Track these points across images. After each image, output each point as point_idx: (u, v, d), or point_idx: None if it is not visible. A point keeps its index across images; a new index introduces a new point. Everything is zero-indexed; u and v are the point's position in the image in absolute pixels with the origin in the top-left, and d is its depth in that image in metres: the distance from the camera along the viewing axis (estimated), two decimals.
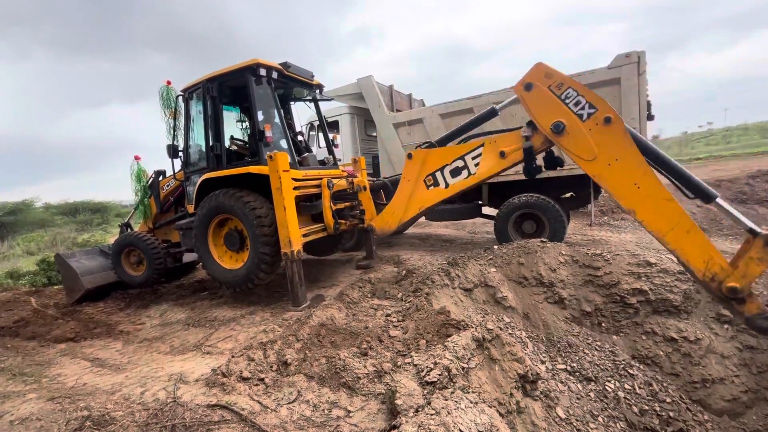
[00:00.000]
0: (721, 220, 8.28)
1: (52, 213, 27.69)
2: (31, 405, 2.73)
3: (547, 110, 2.76)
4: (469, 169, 3.62)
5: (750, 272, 2.30)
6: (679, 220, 2.42)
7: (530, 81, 2.72)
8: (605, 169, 2.62)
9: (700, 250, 2.39)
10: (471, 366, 2.59)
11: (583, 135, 2.65)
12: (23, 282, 8.17)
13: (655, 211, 2.48)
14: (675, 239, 2.44)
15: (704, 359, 3.88)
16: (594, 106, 2.61)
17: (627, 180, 2.54)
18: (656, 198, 2.47)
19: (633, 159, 2.50)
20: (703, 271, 2.39)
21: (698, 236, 2.40)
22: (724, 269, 2.34)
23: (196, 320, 4.50)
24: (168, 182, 5.86)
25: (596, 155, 2.64)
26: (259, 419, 2.33)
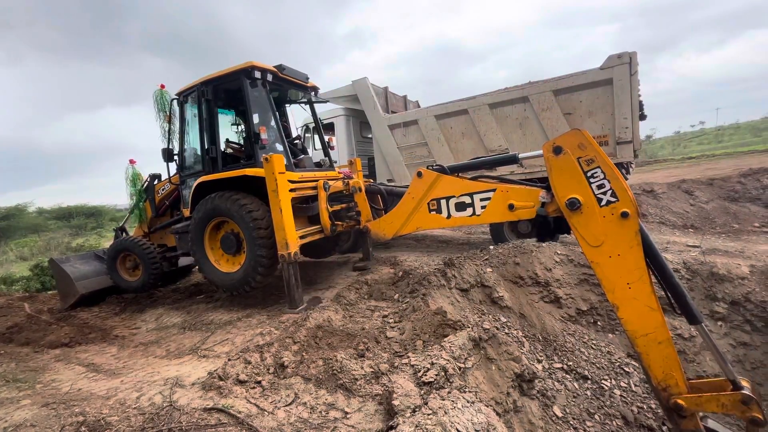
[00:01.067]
0: (714, 219, 8.36)
1: (46, 218, 27.46)
2: (26, 411, 2.70)
3: (568, 183, 2.67)
4: (474, 208, 3.52)
5: (706, 407, 2.40)
6: (655, 330, 2.47)
7: (562, 146, 2.62)
8: (605, 259, 2.59)
9: (664, 362, 2.47)
10: (468, 366, 2.60)
11: (596, 220, 2.59)
12: (17, 287, 8.10)
13: (636, 315, 2.50)
14: (645, 344, 2.50)
15: (698, 356, 3.92)
16: (617, 195, 2.52)
17: (621, 277, 2.53)
18: (642, 303, 2.49)
19: (634, 260, 2.48)
20: (659, 380, 2.49)
21: (668, 349, 2.46)
22: (678, 386, 2.45)
23: (192, 324, 4.48)
24: (163, 186, 5.84)
25: (602, 243, 2.59)
26: (256, 422, 2.33)
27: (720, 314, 4.08)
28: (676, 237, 6.59)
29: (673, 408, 2.42)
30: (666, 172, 16.01)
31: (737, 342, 3.98)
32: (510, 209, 3.27)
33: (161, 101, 5.30)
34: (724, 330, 4.05)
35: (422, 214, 3.88)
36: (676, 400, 2.40)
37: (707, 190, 9.27)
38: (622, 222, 2.50)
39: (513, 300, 3.91)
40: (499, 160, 3.54)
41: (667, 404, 2.46)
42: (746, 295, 4.04)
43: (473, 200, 3.51)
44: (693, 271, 4.32)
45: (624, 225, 2.50)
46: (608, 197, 2.53)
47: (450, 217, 3.67)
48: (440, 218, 3.74)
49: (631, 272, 2.48)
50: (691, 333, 3.98)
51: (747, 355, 3.93)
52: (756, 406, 2.25)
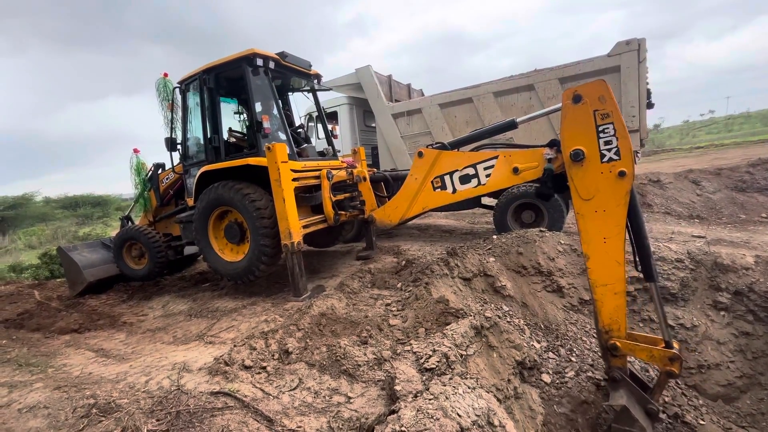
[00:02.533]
0: (721, 209, 8.28)
1: (53, 207, 27.75)
2: (38, 394, 2.78)
3: (578, 133, 2.70)
4: (479, 178, 3.58)
5: (637, 354, 2.69)
6: (615, 282, 2.65)
7: (582, 95, 2.62)
8: (590, 213, 2.69)
9: (614, 310, 2.68)
10: (469, 353, 2.63)
11: (593, 174, 2.66)
12: (26, 275, 8.24)
13: (604, 267, 2.67)
14: (603, 293, 2.69)
15: (700, 345, 3.93)
16: (620, 154, 2.58)
17: (600, 232, 2.66)
18: (611, 257, 2.65)
19: (616, 217, 2.61)
20: (605, 324, 2.72)
21: (620, 300, 2.67)
22: (620, 331, 2.69)
23: (198, 311, 4.55)
24: (167, 175, 5.87)
25: (592, 197, 2.68)
26: (261, 405, 2.38)
27: (723, 304, 4.08)
28: (682, 227, 6.55)
29: (610, 348, 2.69)
30: (673, 161, 15.81)
31: (739, 332, 3.98)
32: (515, 173, 3.33)
33: (164, 90, 5.29)
34: (727, 320, 4.05)
35: (427, 193, 3.91)
36: (615, 341, 2.66)
37: (715, 180, 9.16)
38: (617, 181, 2.57)
39: (515, 289, 3.93)
40: (497, 127, 3.54)
41: (605, 344, 2.72)
42: (750, 285, 4.03)
43: (477, 171, 3.55)
44: (697, 262, 4.30)
45: (618, 184, 2.58)
46: (611, 154, 2.59)
47: (456, 192, 3.71)
48: (446, 194, 3.77)
49: (610, 229, 2.61)
50: (693, 322, 3.99)
51: (749, 344, 3.93)
52: (678, 365, 2.55)
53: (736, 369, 3.86)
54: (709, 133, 39.87)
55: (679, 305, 4.12)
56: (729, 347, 3.94)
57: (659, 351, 2.59)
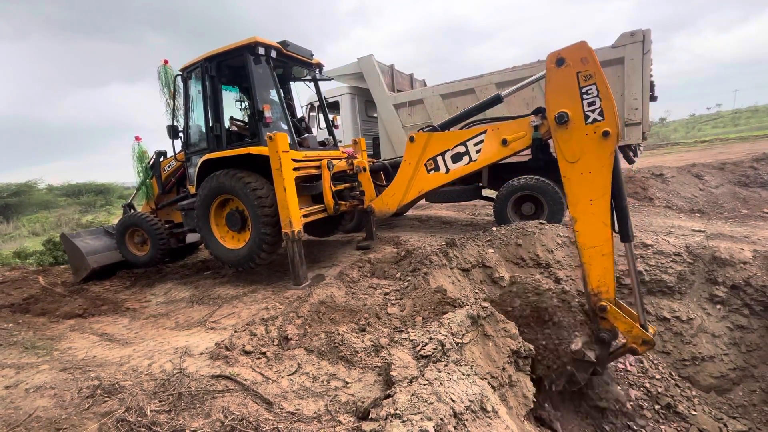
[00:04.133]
0: (723, 204, 8.26)
1: (56, 194, 27.88)
2: (45, 375, 2.86)
3: (562, 96, 2.74)
4: (470, 155, 3.63)
5: (618, 324, 2.77)
6: (602, 243, 2.70)
7: (565, 58, 2.66)
8: (577, 175, 2.73)
9: (603, 272, 2.74)
10: (465, 341, 2.68)
11: (578, 136, 2.70)
12: (30, 261, 8.34)
13: (591, 229, 2.71)
14: (591, 255, 2.74)
15: (695, 338, 3.98)
16: (603, 115, 2.62)
17: (587, 194, 2.70)
18: (598, 219, 2.69)
19: (602, 178, 2.65)
20: (593, 287, 2.77)
21: (608, 262, 2.72)
22: (609, 293, 2.75)
23: (200, 298, 4.62)
24: (169, 163, 5.89)
25: (577, 160, 2.72)
26: (261, 389, 2.45)
27: (719, 298, 4.11)
28: (682, 221, 6.55)
29: (598, 309, 2.78)
30: (677, 155, 15.70)
31: (735, 325, 4.02)
32: (504, 144, 3.39)
33: (165, 77, 5.27)
34: (723, 313, 4.09)
35: (421, 176, 3.98)
36: (605, 303, 2.74)
37: (718, 174, 9.12)
38: (601, 141, 2.62)
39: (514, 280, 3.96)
40: (484, 103, 3.60)
41: (593, 306, 2.81)
42: (747, 279, 4.05)
43: (467, 148, 3.62)
44: (695, 255, 4.32)
45: (602, 144, 2.63)
46: (595, 115, 2.64)
47: (449, 171, 3.78)
48: (440, 175, 3.85)
49: (596, 190, 2.67)
50: (689, 315, 4.03)
51: (743, 338, 3.97)
52: (645, 349, 2.76)
53: (730, 361, 3.91)
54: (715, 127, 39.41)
55: (675, 298, 4.15)
56: (723, 340, 3.98)
57: (638, 330, 2.72)
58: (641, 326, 2.73)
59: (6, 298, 5.20)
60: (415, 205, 4.83)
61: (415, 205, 10.36)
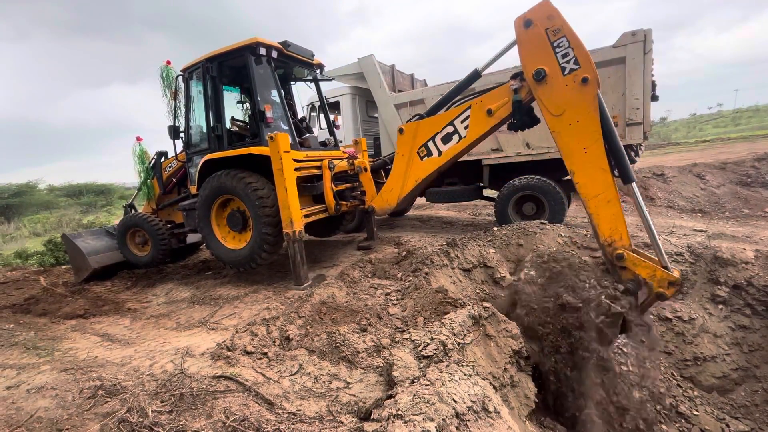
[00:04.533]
0: (724, 204, 8.24)
1: (57, 195, 27.91)
2: (46, 375, 2.86)
3: (536, 54, 2.81)
4: (459, 132, 3.71)
5: (639, 270, 2.68)
6: (605, 190, 2.69)
7: (532, 18, 2.74)
8: (566, 127, 2.76)
9: (611, 219, 2.70)
10: (466, 342, 2.67)
11: (559, 89, 2.76)
12: (32, 262, 8.35)
13: (590, 177, 2.72)
14: (596, 204, 2.72)
15: (697, 338, 3.97)
16: (579, 62, 2.67)
17: (579, 143, 2.72)
18: (595, 166, 2.70)
19: (591, 124, 2.67)
20: (606, 236, 2.72)
21: (615, 207, 2.70)
22: (622, 240, 2.70)
23: (201, 298, 4.62)
24: (170, 163, 5.89)
25: (563, 112, 2.76)
26: (262, 389, 2.44)
27: (721, 298, 4.10)
28: (684, 221, 6.54)
29: (616, 258, 2.70)
30: (678, 155, 15.67)
31: (737, 325, 4.01)
32: (489, 114, 3.46)
33: (167, 78, 5.28)
34: (725, 313, 4.08)
35: (416, 165, 4.06)
36: (621, 251, 2.68)
37: (719, 174, 9.09)
38: (582, 88, 2.67)
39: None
40: (463, 81, 3.73)
41: (610, 257, 2.73)
42: (749, 279, 4.04)
43: (455, 126, 3.72)
44: (697, 255, 4.31)
45: (584, 91, 2.67)
46: (571, 65, 2.70)
47: (441, 153, 3.88)
48: (433, 160, 3.94)
49: (588, 137, 2.69)
50: (691, 316, 4.02)
51: (746, 338, 3.96)
52: (674, 291, 2.62)
53: (732, 362, 3.90)
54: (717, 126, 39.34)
55: (677, 298, 4.14)
56: (725, 340, 3.97)
57: (662, 272, 2.60)
58: (663, 268, 2.62)
59: (7, 298, 5.20)
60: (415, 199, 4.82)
61: (416, 205, 10.37)
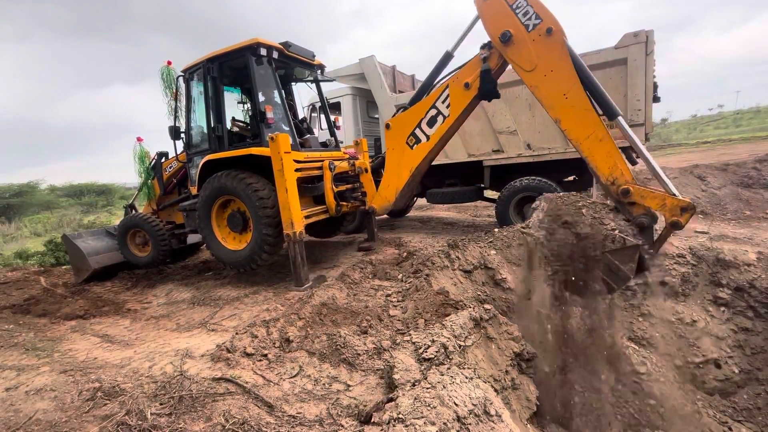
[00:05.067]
0: (726, 205, 8.21)
1: (57, 195, 27.93)
2: (45, 377, 2.85)
3: (498, 19, 2.96)
4: (442, 113, 3.84)
5: (648, 201, 2.62)
6: (594, 129, 2.73)
7: None
8: (542, 79, 2.86)
9: (608, 156, 2.71)
10: (467, 344, 2.66)
11: (527, 45, 2.89)
12: (32, 262, 8.34)
13: (576, 120, 2.77)
14: (589, 146, 2.75)
15: (699, 340, 3.95)
16: (540, 17, 2.79)
17: (558, 90, 2.81)
18: (579, 108, 2.75)
19: (566, 70, 2.76)
20: (606, 176, 2.72)
21: (609, 144, 2.72)
22: (624, 176, 2.68)
23: (201, 299, 4.61)
24: (171, 164, 5.89)
25: (536, 66, 2.87)
26: (262, 392, 2.43)
27: (723, 300, 4.07)
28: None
29: (622, 194, 2.67)
30: (679, 156, 15.64)
31: (739, 327, 3.99)
32: (467, 87, 3.60)
33: (168, 78, 5.27)
34: (727, 315, 4.05)
35: (407, 155, 4.19)
36: (625, 186, 2.66)
37: (720, 175, 9.05)
38: (548, 39, 2.79)
39: (516, 282, 3.94)
40: (438, 65, 3.92)
41: (617, 196, 2.70)
42: (751, 281, 4.02)
43: (438, 108, 3.86)
44: (699, 257, 4.29)
45: (550, 41, 2.78)
46: (533, 21, 2.83)
47: (429, 137, 4.03)
48: (423, 145, 4.08)
49: (565, 83, 2.78)
50: (693, 318, 4.00)
51: (748, 340, 3.94)
52: (688, 216, 2.56)
53: (735, 364, 3.87)
54: (718, 128, 39.28)
55: (679, 300, 4.12)
56: (728, 343, 3.95)
57: (673, 199, 2.57)
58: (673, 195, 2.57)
59: (7, 298, 5.20)
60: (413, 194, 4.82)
61: (416, 206, 10.35)
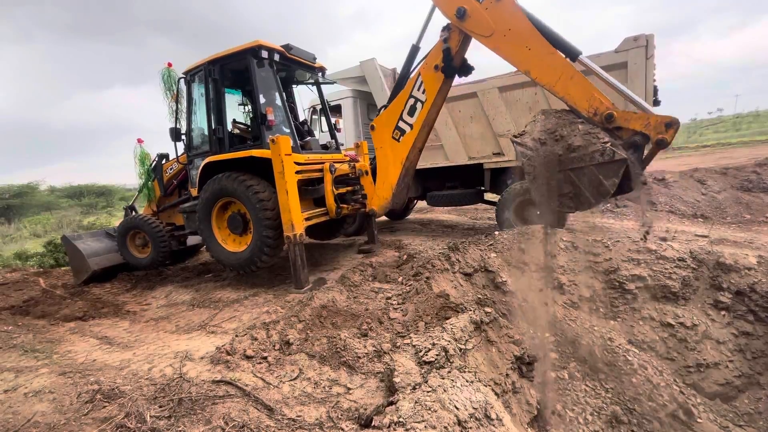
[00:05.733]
0: (726, 209, 8.22)
1: (57, 196, 27.94)
2: (44, 379, 2.83)
3: (450, 1, 3.26)
4: (420, 99, 4.08)
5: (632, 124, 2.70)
6: (563, 69, 2.88)
7: None
8: (502, 40, 3.08)
9: (583, 90, 2.81)
10: (468, 347, 2.65)
11: (482, 14, 3.13)
12: (31, 263, 8.32)
13: (543, 66, 2.93)
14: (563, 86, 2.87)
15: (700, 344, 3.94)
16: None
17: (520, 45, 2.99)
18: (543, 54, 2.91)
19: (523, 25, 2.95)
20: (587, 108, 2.80)
21: (581, 80, 2.84)
22: (603, 103, 2.76)
23: (200, 301, 4.59)
24: (171, 165, 5.89)
25: (494, 30, 3.10)
26: (262, 394, 2.42)
27: (724, 304, 4.07)
28: (685, 226, 6.53)
29: (606, 120, 2.73)
30: (679, 160, 15.68)
31: (739, 332, 3.98)
32: (437, 69, 3.89)
33: (168, 80, 5.29)
34: (727, 320, 4.04)
35: (396, 148, 4.41)
36: (608, 111, 2.72)
37: (720, 179, 9.07)
38: (499, 4, 3.05)
39: (516, 285, 3.94)
40: (407, 59, 4.23)
41: (603, 123, 2.76)
42: (752, 285, 4.01)
43: (415, 96, 4.13)
44: (699, 261, 4.29)
45: (501, 4, 3.04)
46: None
47: (413, 126, 4.26)
48: (408, 135, 4.30)
49: (524, 36, 2.97)
50: (693, 322, 3.99)
51: (749, 344, 3.93)
52: (673, 132, 2.58)
53: (735, 368, 3.86)
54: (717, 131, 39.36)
55: (679, 304, 4.12)
56: (728, 347, 3.94)
57: (656, 117, 2.63)
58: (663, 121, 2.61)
59: (6, 300, 5.18)
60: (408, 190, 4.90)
61: (416, 208, 10.35)
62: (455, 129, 6.57)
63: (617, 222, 7.31)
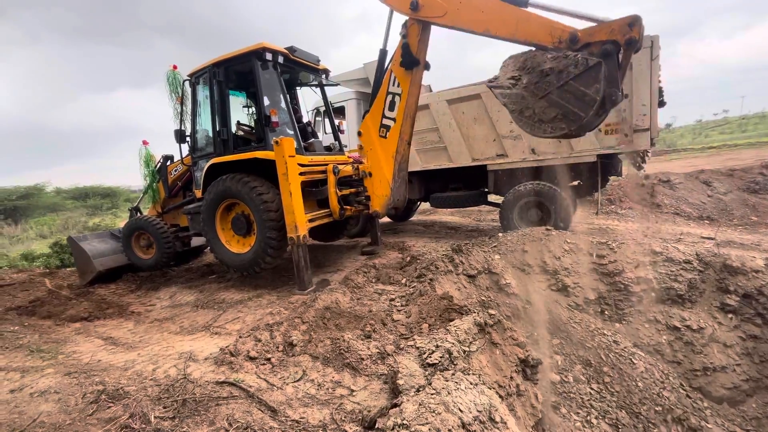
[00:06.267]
0: (732, 211, 8.14)
1: (63, 197, 28.15)
2: (50, 379, 2.85)
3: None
4: (397, 93, 4.36)
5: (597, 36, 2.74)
6: (517, 17, 2.99)
7: None
8: (456, 14, 3.28)
9: (540, 27, 2.90)
10: (472, 349, 2.64)
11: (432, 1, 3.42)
12: (37, 264, 8.39)
13: (499, 20, 3.07)
14: (523, 31, 2.98)
15: (706, 348, 3.90)
16: None
17: (474, 11, 3.18)
18: (496, 10, 3.07)
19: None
20: (551, 40, 2.87)
21: (536, 18, 2.95)
22: (564, 30, 2.82)
23: (204, 302, 4.61)
24: (176, 167, 5.93)
25: (447, 9, 3.32)
26: (265, 396, 2.42)
27: (731, 307, 4.02)
28: (691, 228, 6.47)
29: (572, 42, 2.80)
30: (685, 161, 15.57)
31: (747, 335, 3.93)
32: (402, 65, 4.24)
33: (173, 82, 5.32)
34: (734, 323, 4.00)
35: (383, 144, 4.62)
36: (571, 32, 2.79)
37: (726, 181, 9.00)
38: None
39: (520, 287, 3.92)
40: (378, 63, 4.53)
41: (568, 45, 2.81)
42: (759, 288, 3.97)
43: (392, 92, 4.42)
44: (706, 263, 4.25)
45: None
46: None
47: (395, 119, 4.51)
48: (393, 129, 4.56)
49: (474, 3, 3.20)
50: (700, 324, 3.95)
51: (756, 348, 3.88)
52: (638, 27, 2.59)
53: (743, 372, 3.82)
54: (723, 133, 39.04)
55: (686, 307, 4.08)
56: (736, 350, 3.89)
57: (618, 22, 2.67)
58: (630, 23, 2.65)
59: (13, 300, 5.23)
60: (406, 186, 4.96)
61: (419, 210, 10.34)
62: (459, 130, 6.57)
63: (622, 224, 7.26)
